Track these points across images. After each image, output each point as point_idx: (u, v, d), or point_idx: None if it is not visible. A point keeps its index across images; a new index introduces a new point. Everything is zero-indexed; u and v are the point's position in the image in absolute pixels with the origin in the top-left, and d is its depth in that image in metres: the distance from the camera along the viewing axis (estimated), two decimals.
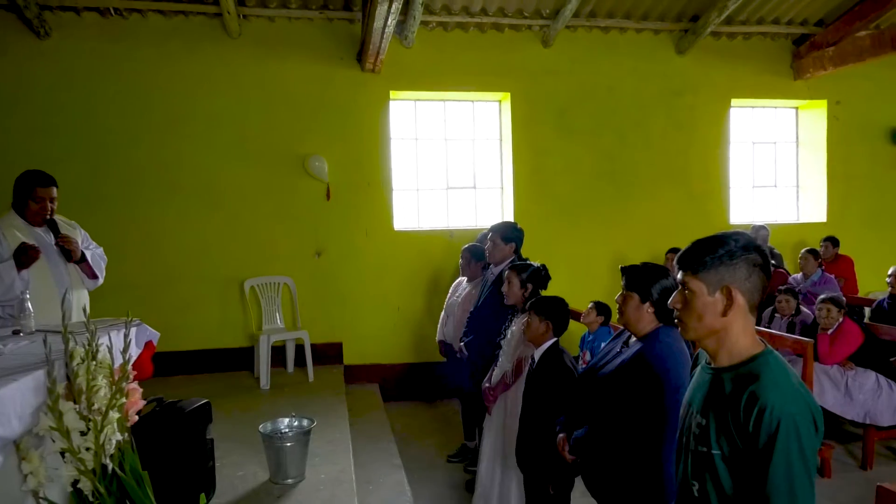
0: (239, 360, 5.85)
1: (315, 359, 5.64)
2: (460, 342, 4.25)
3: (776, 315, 5.33)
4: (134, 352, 3.00)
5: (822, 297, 4.94)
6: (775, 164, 7.45)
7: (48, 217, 3.32)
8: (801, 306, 5.30)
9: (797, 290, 5.60)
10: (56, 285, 3.29)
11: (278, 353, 5.74)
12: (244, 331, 5.95)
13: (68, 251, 3.31)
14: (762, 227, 6.60)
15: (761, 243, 6.44)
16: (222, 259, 5.90)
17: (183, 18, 5.78)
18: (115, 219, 5.61)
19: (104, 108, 5.68)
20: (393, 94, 6.27)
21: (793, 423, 1.37)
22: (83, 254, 3.42)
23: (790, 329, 5.13)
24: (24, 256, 3.12)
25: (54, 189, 3.34)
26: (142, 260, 5.71)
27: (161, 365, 5.36)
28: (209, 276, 5.89)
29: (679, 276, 1.60)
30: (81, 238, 3.50)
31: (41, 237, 3.31)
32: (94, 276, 3.51)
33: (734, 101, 6.97)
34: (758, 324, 5.14)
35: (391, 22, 4.68)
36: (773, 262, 6.24)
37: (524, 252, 4.14)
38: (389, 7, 4.37)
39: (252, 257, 5.93)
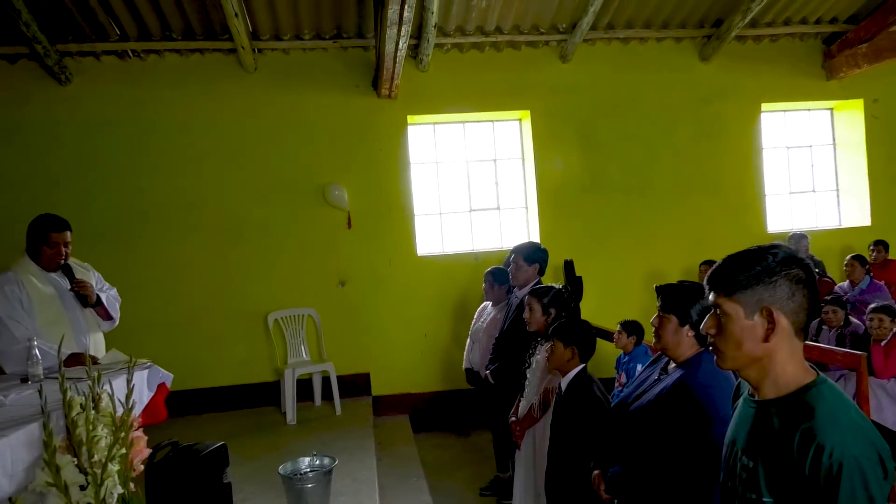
0: (266, 395, 5.75)
1: (342, 391, 5.51)
2: (486, 370, 4.07)
3: (823, 327, 5.01)
4: (146, 395, 2.91)
5: (872, 306, 4.62)
6: (812, 168, 7.14)
7: (63, 262, 3.26)
8: (850, 316, 4.98)
9: (844, 299, 5.28)
10: (73, 331, 3.23)
11: (305, 386, 5.64)
12: (270, 365, 5.85)
13: (84, 296, 3.24)
14: (802, 236, 6.29)
15: (803, 254, 6.09)
16: (245, 293, 5.84)
17: (199, 57, 5.81)
18: (138, 258, 5.63)
19: (126, 148, 5.71)
20: (411, 118, 6.20)
21: (857, 467, 1.17)
22: (98, 297, 3.35)
23: (840, 342, 4.81)
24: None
25: (68, 233, 3.29)
26: (165, 298, 5.69)
27: (187, 403, 5.39)
28: (233, 311, 5.82)
29: (711, 297, 1.42)
30: (95, 280, 3.44)
31: (56, 282, 3.26)
32: (109, 318, 3.45)
33: (765, 106, 6.72)
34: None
35: (402, 45, 4.60)
36: (816, 270, 5.93)
37: (552, 273, 3.96)
38: (399, 30, 4.30)
39: (275, 290, 5.86)
